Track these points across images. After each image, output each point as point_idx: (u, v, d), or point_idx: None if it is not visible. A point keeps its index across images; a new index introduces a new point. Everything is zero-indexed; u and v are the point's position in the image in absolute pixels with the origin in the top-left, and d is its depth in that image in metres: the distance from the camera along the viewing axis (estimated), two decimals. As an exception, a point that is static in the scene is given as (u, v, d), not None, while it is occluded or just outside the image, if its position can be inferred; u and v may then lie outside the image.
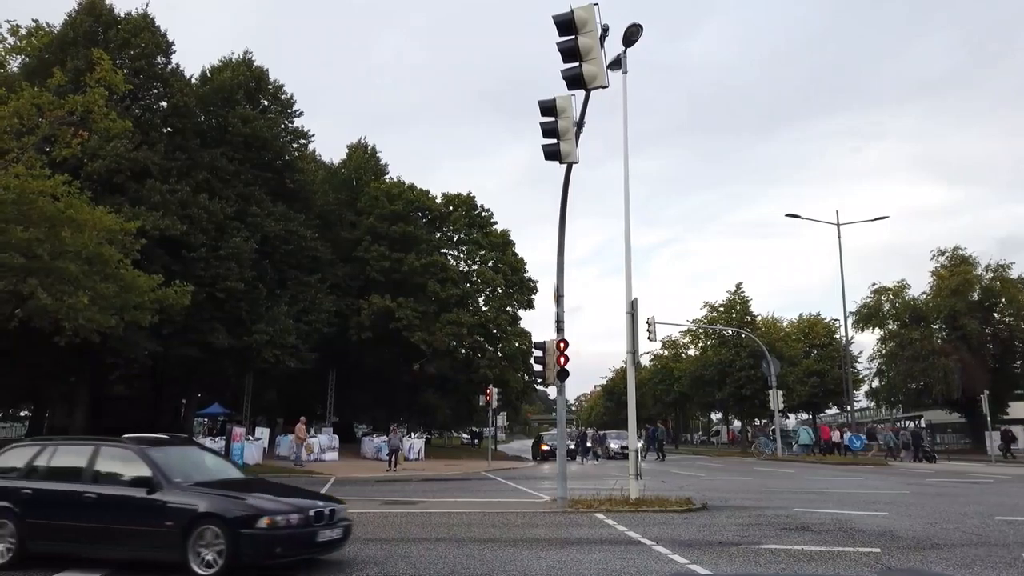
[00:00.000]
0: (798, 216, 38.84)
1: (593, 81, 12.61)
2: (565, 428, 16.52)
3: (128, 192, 31.21)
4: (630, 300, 15.98)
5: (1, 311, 18.80)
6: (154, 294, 20.41)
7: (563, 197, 15.72)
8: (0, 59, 20.67)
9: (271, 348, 35.09)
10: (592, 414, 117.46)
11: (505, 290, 47.44)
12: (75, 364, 32.41)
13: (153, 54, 35.44)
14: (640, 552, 9.51)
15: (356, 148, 51.87)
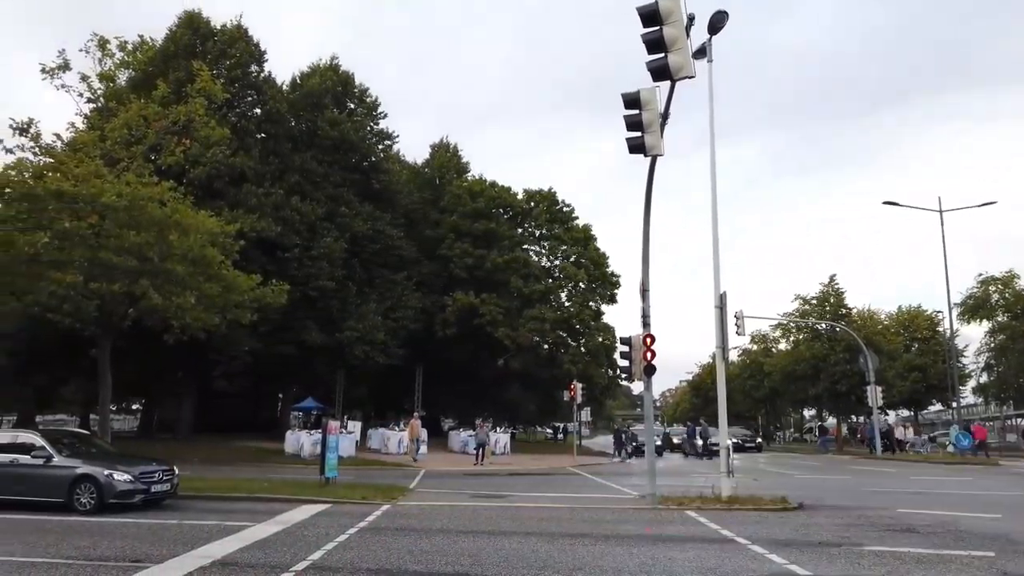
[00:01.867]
0: (897, 204, 36.92)
1: (679, 72, 12.39)
2: (653, 423, 16.32)
3: (227, 196, 32.84)
4: (719, 294, 15.64)
5: (116, 311, 20.10)
6: (253, 293, 21.35)
7: (647, 190, 15.53)
8: (111, 74, 22.11)
9: (361, 345, 36.22)
10: (678, 410, 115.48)
11: (587, 285, 47.22)
12: (182, 361, 34.36)
13: (247, 63, 37.15)
14: (735, 551, 9.32)
15: (439, 147, 52.75)
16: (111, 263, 17.33)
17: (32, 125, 18.51)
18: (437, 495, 16.80)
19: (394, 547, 9.51)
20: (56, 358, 33.99)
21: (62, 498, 12.87)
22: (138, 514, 12.64)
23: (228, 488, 16.26)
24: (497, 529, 11.28)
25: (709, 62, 15.89)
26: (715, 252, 16.03)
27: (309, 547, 9.39)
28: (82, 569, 7.97)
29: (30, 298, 19.17)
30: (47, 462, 13.24)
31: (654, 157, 14.55)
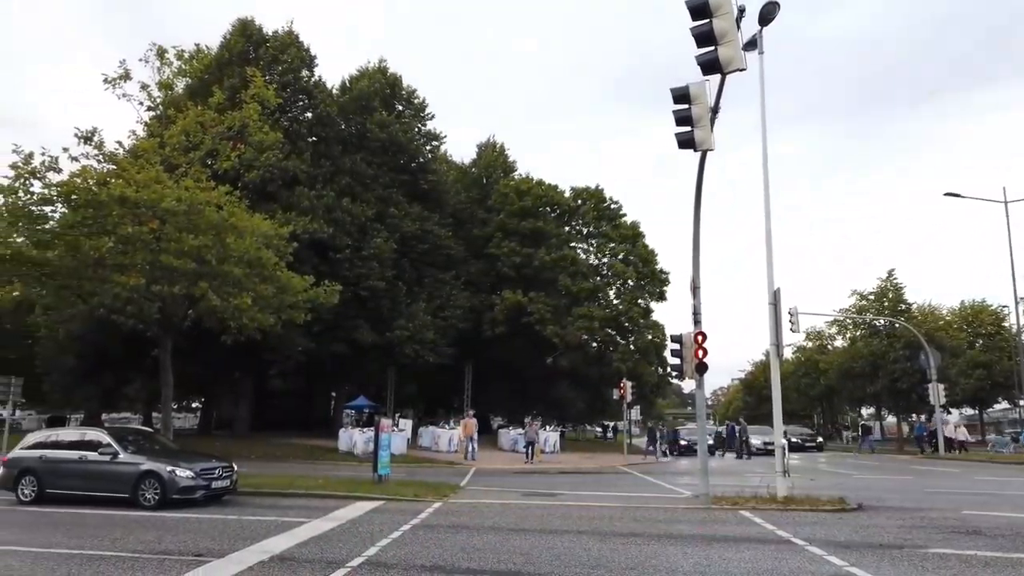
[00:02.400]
0: (959, 195, 35.61)
1: (730, 65, 12.17)
2: (705, 422, 16.10)
3: (280, 199, 33.58)
4: (772, 290, 15.33)
5: (176, 312, 20.75)
6: (306, 294, 21.76)
7: (697, 185, 15.33)
8: (169, 82, 22.80)
9: (411, 344, 36.64)
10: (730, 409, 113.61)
11: (636, 282, 46.79)
12: (239, 361, 35.25)
13: (298, 68, 37.90)
14: (792, 552, 9.14)
15: (485, 147, 52.96)
16: (171, 266, 17.85)
17: (96, 134, 19.18)
18: (488, 493, 16.89)
19: (447, 544, 9.60)
20: (121, 358, 35.35)
21: (127, 493, 13.37)
22: (199, 509, 13.05)
23: (284, 485, 16.63)
24: (548, 528, 11.28)
25: (760, 54, 15.59)
26: (768, 247, 15.70)
27: (363, 543, 9.55)
28: (148, 562, 8.26)
29: (96, 300, 19.93)
30: (113, 459, 13.79)
31: (704, 152, 14.36)
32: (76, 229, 17.85)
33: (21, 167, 17.38)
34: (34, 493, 14.06)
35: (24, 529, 10.78)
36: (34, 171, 17.54)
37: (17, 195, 17.34)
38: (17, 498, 14.16)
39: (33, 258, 17.49)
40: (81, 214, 17.93)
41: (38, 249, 17.43)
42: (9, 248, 17.14)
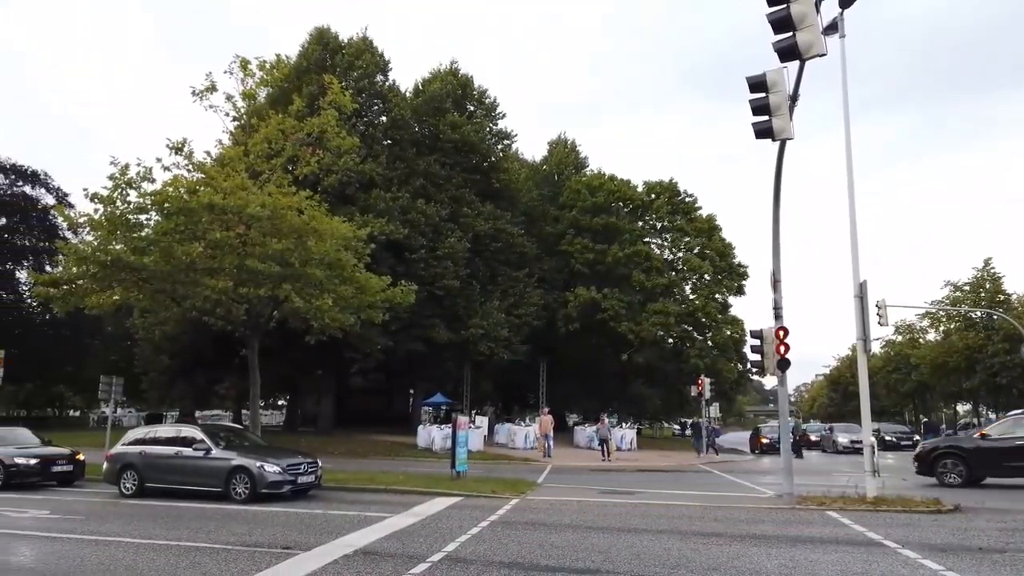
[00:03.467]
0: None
1: (809, 50, 11.74)
2: (787, 419, 15.63)
3: (357, 202, 34.47)
4: (858, 283, 14.72)
5: (262, 313, 21.57)
6: (384, 294, 22.23)
7: (776, 175, 14.89)
8: (252, 92, 23.67)
9: (486, 341, 36.99)
10: (814, 406, 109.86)
11: (713, 277, 45.86)
12: (322, 359, 36.37)
13: (373, 73, 38.81)
14: (883, 555, 8.77)
15: (556, 144, 52.89)
16: (256, 269, 18.54)
17: (185, 144, 20.12)
18: (565, 490, 16.88)
19: (525, 541, 9.65)
20: (212, 358, 37.03)
21: (220, 487, 14.01)
22: (286, 503, 13.54)
23: (366, 480, 17.07)
24: (627, 526, 11.19)
25: (841, 38, 15.00)
26: (853, 239, 15.08)
27: (444, 539, 9.71)
28: (240, 554, 8.63)
29: (188, 303, 20.89)
30: (206, 454, 14.48)
31: (783, 141, 13.91)
32: (169, 236, 18.75)
33: (118, 178, 18.41)
34: (135, 487, 14.90)
35: (126, 521, 11.43)
36: (130, 181, 18.54)
37: (115, 204, 18.38)
38: (120, 491, 15.05)
39: (130, 264, 18.45)
40: (174, 221, 18.82)
41: (135, 255, 18.38)
42: (109, 255, 18.16)
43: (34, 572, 7.82)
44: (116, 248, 18.59)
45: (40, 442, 17.91)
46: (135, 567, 7.94)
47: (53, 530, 10.37)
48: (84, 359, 47.98)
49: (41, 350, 43.48)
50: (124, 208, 18.68)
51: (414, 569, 7.77)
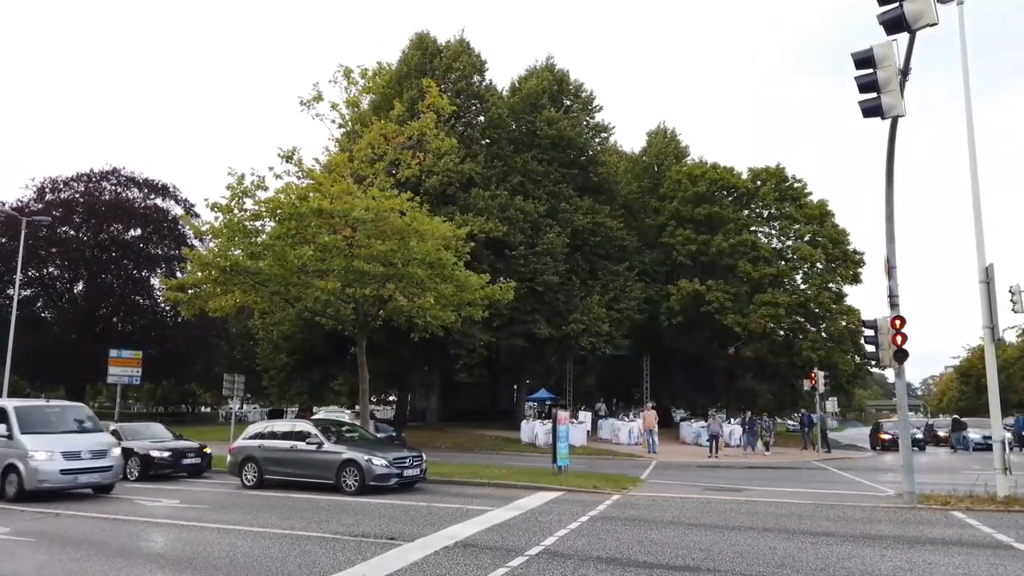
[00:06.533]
0: None
1: (918, 20, 11.00)
2: (907, 414, 14.72)
3: (457, 201, 35.16)
4: (983, 267, 13.69)
5: (369, 312, 22.42)
6: (483, 291, 22.57)
7: (889, 155, 14.04)
8: (355, 100, 24.59)
9: (587, 336, 36.85)
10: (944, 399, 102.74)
11: (826, 265, 43.67)
12: (428, 356, 37.40)
13: (470, 75, 39.42)
14: (1012, 558, 8.15)
15: (656, 134, 51.84)
16: (363, 270, 19.28)
17: (295, 152, 21.18)
18: (668, 487, 16.62)
19: (624, 537, 9.59)
20: (326, 356, 38.77)
21: (331, 480, 14.70)
22: (393, 496, 14.04)
23: (470, 474, 17.43)
24: (731, 524, 10.90)
25: (959, 4, 13.96)
26: (977, 220, 14.04)
27: (542, 532, 9.79)
28: (348, 543, 9.04)
29: (300, 304, 22.00)
30: (319, 448, 15.22)
31: (895, 119, 13.13)
32: (282, 240, 19.80)
33: (235, 187, 19.60)
34: (256, 478, 15.88)
35: (246, 511, 12.20)
36: (246, 190, 19.69)
37: (232, 213, 19.59)
38: (242, 483, 16.06)
39: (248, 268, 19.62)
40: (286, 226, 19.85)
41: (251, 260, 19.54)
42: (228, 260, 19.39)
43: (163, 557, 8.50)
44: (234, 254, 19.82)
45: (172, 436, 19.40)
46: (251, 554, 8.48)
47: (181, 518, 11.23)
48: (212, 358, 51.50)
49: (175, 351, 46.99)
50: (241, 216, 19.87)
51: (512, 562, 7.89)
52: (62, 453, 13.51)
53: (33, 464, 13.19)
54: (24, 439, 13.46)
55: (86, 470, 13.79)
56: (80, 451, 13.81)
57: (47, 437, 13.72)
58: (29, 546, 9.13)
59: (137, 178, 48.94)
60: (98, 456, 14.04)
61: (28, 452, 13.25)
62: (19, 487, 13.22)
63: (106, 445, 14.42)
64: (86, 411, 16.05)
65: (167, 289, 23.19)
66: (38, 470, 13.19)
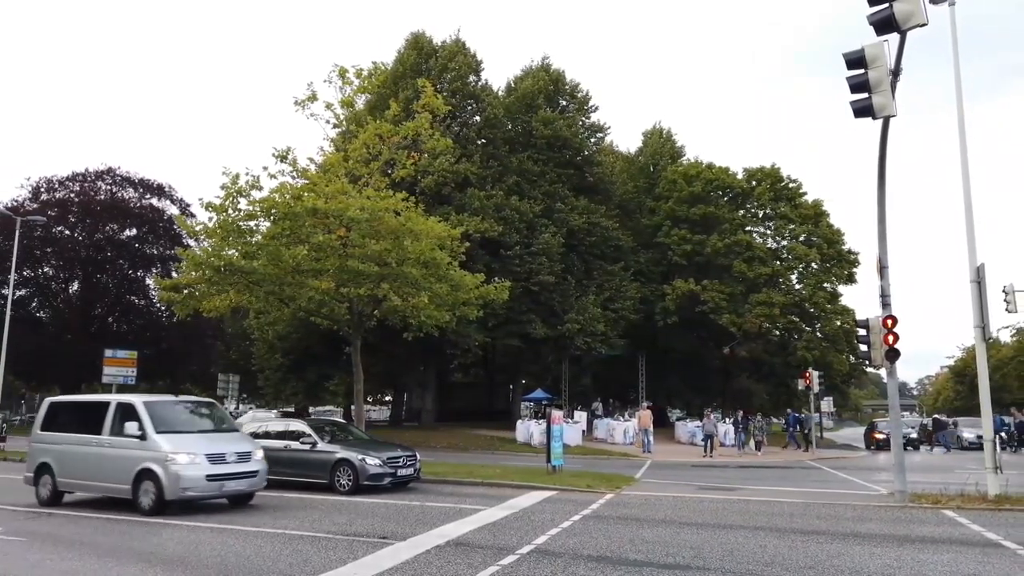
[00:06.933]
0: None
1: (908, 20, 11.04)
2: (899, 413, 14.79)
3: (453, 201, 35.19)
4: (975, 267, 13.78)
5: (364, 312, 22.42)
6: (478, 291, 22.58)
7: (880, 156, 14.09)
8: (350, 100, 24.59)
9: (582, 336, 36.91)
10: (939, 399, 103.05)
11: (821, 265, 43.79)
12: (423, 356, 37.42)
13: (466, 75, 39.44)
14: (1001, 556, 8.20)
15: (651, 134, 51.92)
16: (357, 270, 19.28)
17: (290, 152, 21.16)
18: (662, 486, 16.67)
19: (615, 535, 9.63)
20: (321, 356, 38.77)
21: (325, 479, 14.71)
22: (387, 495, 14.06)
23: (464, 474, 17.45)
24: (722, 522, 10.95)
25: (951, 5, 14.09)
26: (968, 219, 14.13)
27: (534, 531, 9.82)
28: (339, 542, 9.07)
29: (295, 304, 21.99)
30: (313, 447, 15.23)
31: (886, 120, 13.16)
32: (276, 240, 19.78)
33: (229, 187, 19.58)
34: None
35: (239, 510, 12.21)
36: (240, 190, 19.67)
37: (227, 212, 19.57)
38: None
39: (242, 268, 19.60)
40: (280, 226, 19.82)
41: (246, 260, 19.53)
42: (222, 260, 19.38)
43: (155, 556, 8.51)
44: (228, 254, 19.80)
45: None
46: (243, 553, 8.50)
47: (174, 517, 11.21)
48: (208, 358, 51.42)
49: (170, 351, 46.91)
50: (235, 216, 19.84)
51: (503, 560, 7.92)
52: (206, 456, 11.70)
53: (175, 469, 11.30)
54: (160, 439, 11.66)
55: (232, 476, 11.96)
56: (225, 453, 12.01)
57: (185, 437, 12.01)
58: (21, 546, 9.14)
59: (132, 178, 48.86)
60: (243, 459, 12.26)
61: (167, 455, 11.41)
62: (158, 497, 11.37)
63: (251, 447, 12.80)
64: (219, 408, 14.44)
65: (161, 289, 23.12)
66: (181, 476, 11.29)
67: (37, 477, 13.10)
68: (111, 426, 12.23)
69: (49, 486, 12.88)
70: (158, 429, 11.82)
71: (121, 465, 11.80)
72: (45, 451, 13.14)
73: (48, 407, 13.82)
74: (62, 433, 13.06)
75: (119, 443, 11.93)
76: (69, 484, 12.82)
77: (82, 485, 12.76)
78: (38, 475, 13.08)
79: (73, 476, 12.62)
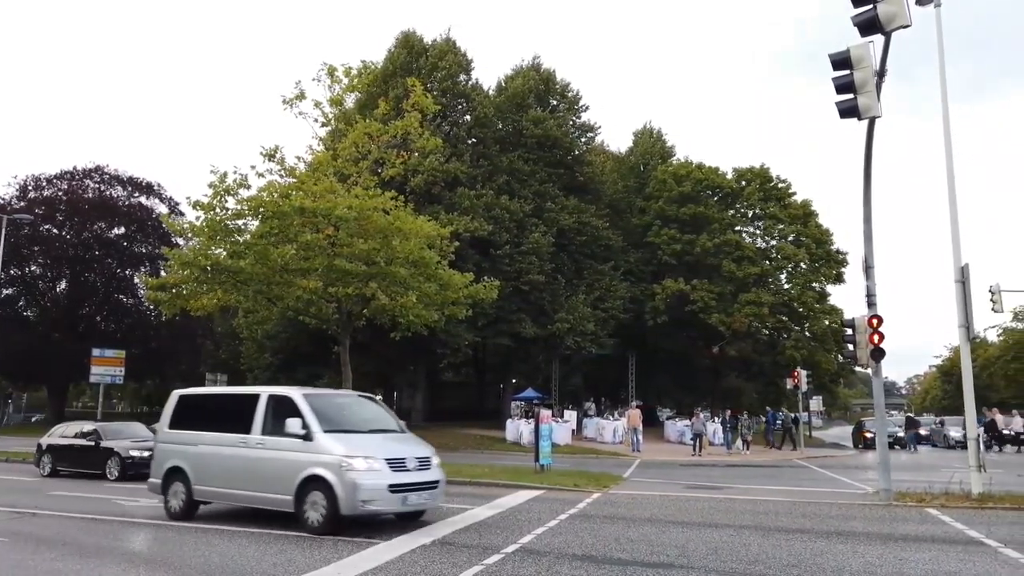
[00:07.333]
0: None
1: (891, 22, 11.13)
2: (884, 412, 14.89)
3: (443, 200, 35.16)
4: (959, 267, 13.90)
5: (352, 311, 22.38)
6: (467, 290, 22.58)
7: (866, 156, 14.19)
8: (339, 98, 24.51)
9: (572, 335, 36.99)
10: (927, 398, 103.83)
11: (810, 265, 44.11)
12: (413, 355, 37.38)
13: (456, 73, 39.42)
14: (982, 554, 8.27)
15: (642, 134, 52.08)
16: (345, 269, 19.25)
17: (278, 151, 21.08)
18: (650, 485, 16.72)
19: (601, 534, 9.66)
20: (310, 355, 38.66)
21: None
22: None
23: (452, 473, 17.30)
24: (708, 521, 10.99)
25: (936, 7, 14.20)
26: (953, 220, 14.24)
27: (521, 530, 9.83)
28: (324, 542, 9.03)
29: (283, 303, 21.92)
30: None
31: (871, 120, 13.27)
32: (264, 239, 19.72)
33: (217, 185, 19.49)
34: None
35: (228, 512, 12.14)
36: (228, 188, 19.59)
37: (214, 211, 19.49)
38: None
39: (229, 267, 19.55)
40: (268, 225, 19.75)
41: (233, 259, 19.46)
42: (209, 259, 19.30)
43: (138, 557, 8.49)
44: (216, 253, 19.72)
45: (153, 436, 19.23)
46: (228, 553, 8.47)
47: (159, 517, 11.17)
48: (197, 358, 51.17)
49: (159, 350, 46.67)
50: (223, 214, 19.77)
51: (487, 560, 7.91)
52: (386, 461, 9.61)
53: (352, 477, 9.18)
54: (331, 440, 9.66)
55: (415, 486, 9.85)
56: (405, 459, 9.94)
57: (358, 438, 10.01)
58: (3, 546, 9.08)
59: (121, 176, 48.62)
60: (424, 466, 10.19)
61: (341, 459, 9.32)
62: (330, 511, 9.26)
63: (429, 451, 10.72)
64: (381, 403, 12.41)
65: (148, 288, 23.01)
66: (359, 486, 9.16)
67: (166, 485, 11.22)
68: (263, 423, 10.33)
69: (182, 496, 10.97)
70: (325, 428, 9.89)
71: (279, 471, 9.81)
72: (176, 453, 11.27)
73: (177, 401, 12.02)
74: (197, 432, 11.15)
75: (276, 444, 9.98)
76: (207, 493, 10.86)
77: (226, 495, 10.79)
78: (167, 482, 11.21)
79: (214, 483, 10.69)
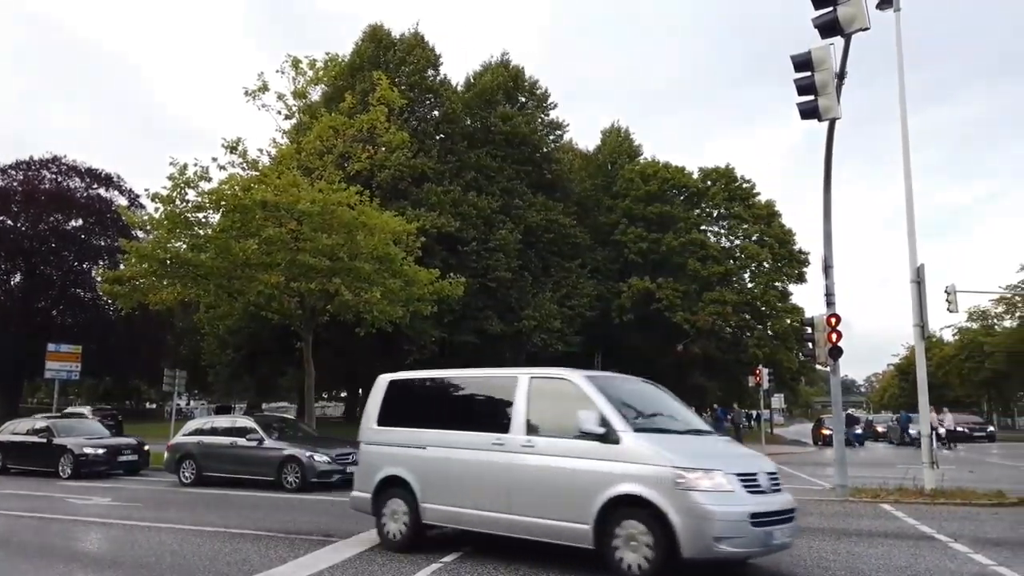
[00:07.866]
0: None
1: (851, 24, 11.31)
2: (841, 410, 15.15)
3: (409, 196, 34.90)
4: (915, 267, 14.22)
5: (315, 307, 22.11)
6: (432, 287, 22.46)
7: (826, 157, 14.41)
8: (303, 91, 24.15)
9: (539, 333, 37.04)
10: (885, 396, 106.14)
11: (773, 264, 44.76)
12: (378, 352, 37.02)
13: (424, 68, 39.16)
14: (932, 548, 8.44)
15: (610, 132, 52.28)
16: (308, 264, 19.01)
17: (240, 143, 20.72)
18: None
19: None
20: (273, 351, 38.10)
21: (272, 476, 14.46)
22: (335, 492, 13.84)
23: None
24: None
25: (896, 11, 14.51)
26: (909, 221, 14.59)
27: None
28: (281, 541, 8.91)
29: (245, 298, 21.57)
30: (260, 444, 14.97)
31: (831, 122, 13.47)
32: (226, 233, 19.39)
33: (177, 177, 19.10)
34: (193, 475, 15.54)
35: (181, 508, 11.93)
36: (188, 181, 19.21)
37: (174, 204, 19.09)
38: (179, 480, 15.71)
39: (189, 261, 19.19)
40: (230, 219, 19.45)
41: (193, 252, 19.10)
42: (168, 253, 18.90)
43: (87, 556, 8.27)
44: (175, 246, 19.33)
45: (109, 433, 18.83)
46: (181, 552, 8.28)
47: (112, 516, 10.92)
48: (157, 353, 50.10)
49: (118, 346, 45.57)
50: (183, 207, 19.38)
51: (445, 558, 7.84)
52: (738, 477, 6.46)
53: (695, 500, 6.08)
54: (645, 445, 6.57)
55: (777, 517, 6.67)
56: (756, 475, 6.81)
57: (680, 442, 6.95)
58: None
59: (79, 167, 47.36)
60: (776, 487, 7.14)
61: (677, 474, 6.17)
62: (663, 550, 6.12)
63: (772, 464, 7.59)
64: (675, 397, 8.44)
65: (103, 282, 22.47)
66: (711, 517, 6.03)
67: (379, 501, 8.33)
68: (527, 418, 7.38)
69: (403, 517, 8.07)
70: (635, 425, 6.84)
71: (565, 488, 6.82)
72: (393, 458, 8.32)
73: (388, 388, 9.00)
74: (423, 429, 8.19)
75: (554, 448, 7.03)
76: (443, 515, 7.90)
77: (472, 518, 7.65)
78: (381, 498, 8.32)
79: (452, 501, 7.76)
